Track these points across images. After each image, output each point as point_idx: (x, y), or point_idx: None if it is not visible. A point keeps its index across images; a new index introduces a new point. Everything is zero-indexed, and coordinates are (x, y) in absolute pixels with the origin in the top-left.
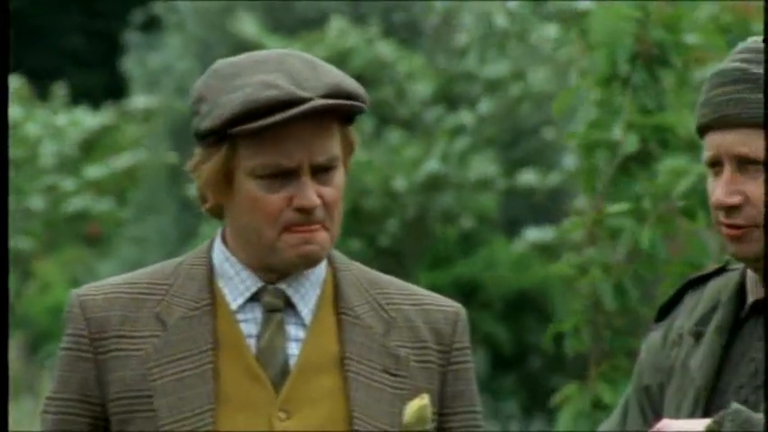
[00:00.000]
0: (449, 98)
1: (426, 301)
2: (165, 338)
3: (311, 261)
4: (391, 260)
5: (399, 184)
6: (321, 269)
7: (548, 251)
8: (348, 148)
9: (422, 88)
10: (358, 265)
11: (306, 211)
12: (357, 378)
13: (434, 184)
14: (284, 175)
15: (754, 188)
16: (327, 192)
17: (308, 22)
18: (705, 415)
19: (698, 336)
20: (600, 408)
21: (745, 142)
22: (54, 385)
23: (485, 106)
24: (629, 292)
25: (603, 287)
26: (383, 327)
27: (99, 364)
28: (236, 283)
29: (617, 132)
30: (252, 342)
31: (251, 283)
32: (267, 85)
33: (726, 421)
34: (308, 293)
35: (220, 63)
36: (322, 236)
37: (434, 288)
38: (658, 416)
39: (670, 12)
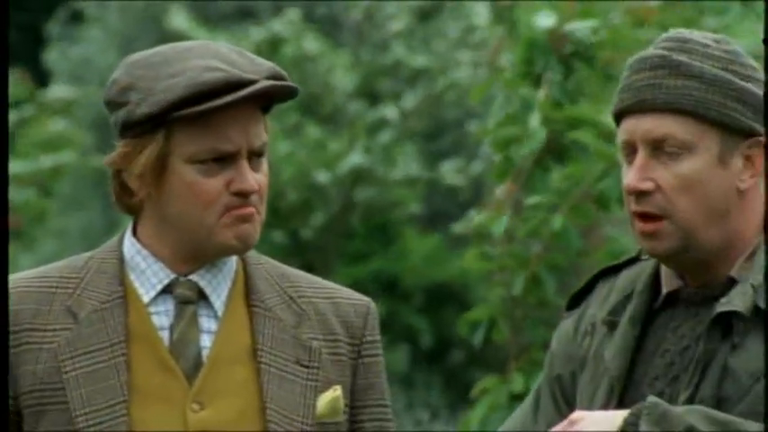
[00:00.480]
0: (372, 93)
1: (337, 294)
2: (76, 331)
3: (247, 243)
4: (313, 254)
5: (322, 177)
6: (232, 262)
7: (467, 243)
8: (267, 136)
9: (345, 82)
10: (268, 259)
11: (244, 195)
12: (269, 370)
13: (357, 178)
14: (223, 160)
15: (665, 175)
16: (260, 178)
17: (231, 17)
18: (619, 405)
19: (611, 326)
20: (518, 400)
21: (659, 126)
22: None
23: (409, 100)
24: (546, 283)
25: (517, 279)
26: (294, 319)
27: (11, 358)
28: (148, 276)
29: (533, 127)
30: (164, 334)
31: (163, 276)
32: (210, 68)
33: (643, 414)
34: (220, 285)
35: (139, 54)
36: (256, 223)
37: (355, 281)
38: (572, 406)
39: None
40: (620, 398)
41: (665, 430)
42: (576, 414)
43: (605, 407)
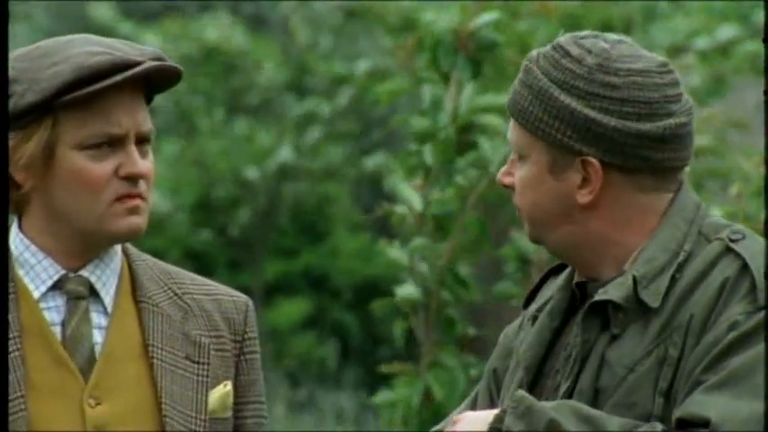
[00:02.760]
0: (300, 87)
1: (217, 291)
2: None
3: (136, 233)
4: (240, 250)
5: (250, 173)
6: (118, 258)
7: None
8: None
9: (274, 76)
10: (149, 256)
11: (133, 179)
12: (162, 365)
13: (285, 174)
14: (111, 144)
15: (516, 175)
16: (148, 165)
17: (157, 11)
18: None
19: (535, 320)
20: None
21: (511, 130)
22: None
23: (340, 100)
24: (462, 278)
25: (430, 276)
26: (181, 315)
27: None
28: (38, 272)
29: (442, 123)
30: (57, 330)
31: (53, 272)
32: (95, 52)
33: (508, 410)
34: (108, 281)
35: (22, 49)
36: (144, 211)
37: (284, 278)
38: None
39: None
40: (530, 390)
41: (529, 425)
42: (462, 415)
43: None
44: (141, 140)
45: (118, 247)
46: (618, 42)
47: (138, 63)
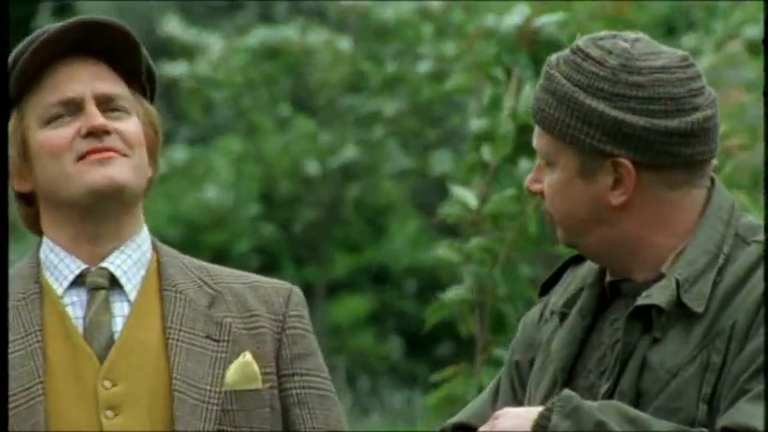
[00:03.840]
0: (363, 87)
1: (257, 281)
2: None
3: (112, 182)
4: (304, 246)
5: (312, 169)
6: (146, 252)
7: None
8: (151, 125)
9: (338, 75)
10: (186, 256)
11: (95, 134)
12: (178, 344)
13: (348, 171)
14: (71, 113)
15: (545, 182)
16: (123, 125)
17: (218, 12)
18: None
19: (562, 317)
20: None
21: (536, 137)
22: None
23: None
24: (519, 276)
25: (493, 271)
26: (208, 300)
27: None
28: (61, 269)
29: (503, 122)
30: (79, 322)
31: (74, 267)
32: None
33: (555, 409)
34: (131, 271)
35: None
36: (121, 162)
37: (349, 273)
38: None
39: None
40: (562, 389)
41: (576, 424)
42: (502, 410)
43: (548, 397)
44: (109, 106)
45: (145, 242)
46: (636, 41)
47: (61, 29)
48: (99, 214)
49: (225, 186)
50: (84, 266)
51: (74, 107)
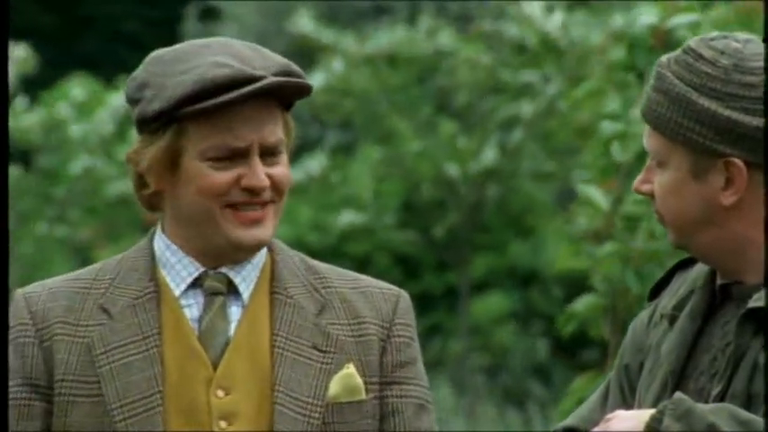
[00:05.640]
0: (501, 89)
1: (366, 284)
2: (110, 326)
3: (259, 246)
4: (446, 251)
5: (452, 171)
6: (262, 254)
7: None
8: (289, 134)
9: (476, 79)
10: (298, 253)
11: (254, 192)
12: (284, 354)
13: (490, 175)
14: (234, 157)
15: (656, 182)
16: (277, 171)
17: (363, 15)
18: None
19: (672, 320)
20: None
21: (647, 137)
22: (9, 377)
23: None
24: (652, 279)
25: (626, 274)
26: (317, 307)
27: (44, 349)
28: (179, 270)
29: (634, 124)
30: (194, 325)
31: (193, 269)
32: (219, 64)
33: (667, 411)
34: (248, 276)
35: (158, 52)
36: (269, 216)
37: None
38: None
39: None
40: (673, 391)
41: (687, 426)
42: (615, 413)
43: (658, 400)
44: (269, 152)
45: None
46: (747, 41)
47: (259, 78)
48: (234, 255)
49: (366, 193)
50: (202, 269)
51: (238, 154)
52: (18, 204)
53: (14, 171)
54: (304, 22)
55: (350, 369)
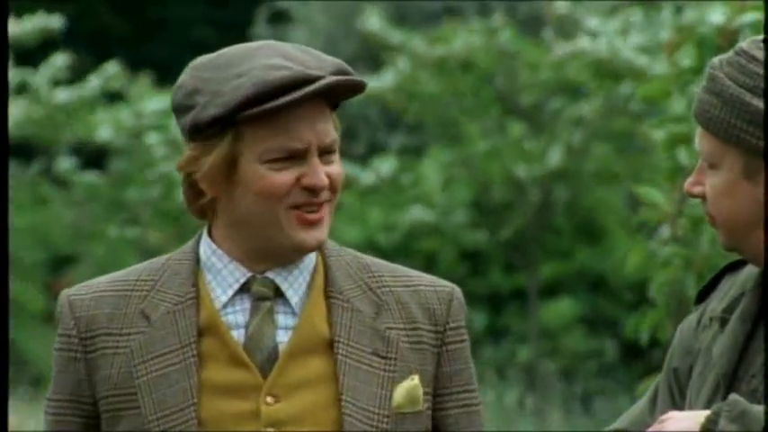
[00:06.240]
0: (566, 90)
1: (419, 282)
2: (149, 334)
3: (315, 247)
4: (514, 251)
5: (521, 172)
6: (312, 257)
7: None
8: (337, 133)
9: (542, 79)
10: (348, 250)
11: (314, 191)
12: (346, 361)
13: (558, 176)
14: (293, 158)
15: (707, 183)
16: (333, 170)
17: (433, 16)
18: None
19: (723, 322)
20: None
21: (699, 138)
22: (51, 386)
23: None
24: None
25: (687, 278)
26: (373, 310)
27: (89, 363)
28: (225, 276)
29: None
30: (240, 332)
31: (239, 275)
32: (275, 66)
33: (722, 413)
34: (296, 281)
35: (202, 58)
36: (326, 217)
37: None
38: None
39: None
40: (725, 394)
41: (743, 427)
42: (668, 414)
43: (710, 402)
44: (325, 151)
45: None
46: None
47: (318, 78)
48: (293, 256)
49: (435, 193)
50: (248, 274)
51: (297, 155)
52: (92, 207)
53: (89, 176)
54: (372, 22)
55: (415, 380)
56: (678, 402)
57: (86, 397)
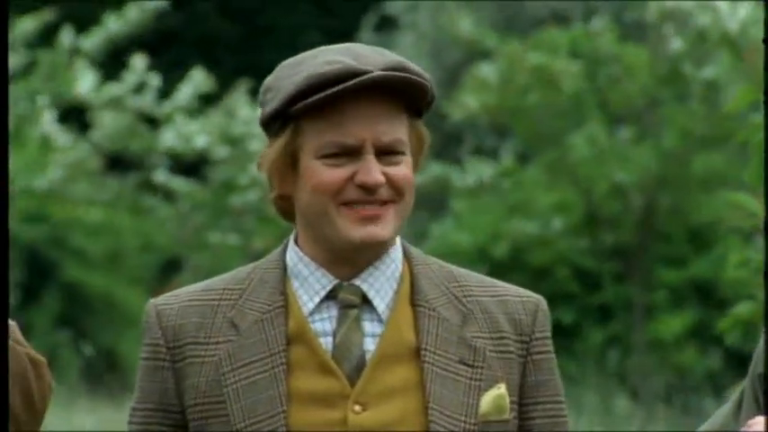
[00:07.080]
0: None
1: (506, 292)
2: (238, 342)
3: (374, 243)
4: (625, 262)
5: (624, 179)
6: (398, 264)
7: None
8: (419, 142)
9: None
10: (435, 260)
11: (368, 189)
12: (433, 369)
13: (662, 183)
14: (348, 154)
15: None
16: (395, 171)
17: (539, 22)
18: None
19: None
20: None
21: None
22: (136, 395)
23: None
24: None
25: None
26: (460, 318)
27: (177, 372)
28: (312, 283)
29: None
30: (328, 339)
31: (326, 282)
32: (330, 62)
33: None
34: (383, 288)
35: (287, 60)
36: (387, 215)
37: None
38: None
39: None
40: None
41: None
42: (755, 420)
43: None
44: (386, 151)
45: (398, 253)
46: None
47: (364, 73)
48: (355, 254)
49: (541, 202)
50: (335, 281)
51: (351, 151)
52: (194, 215)
53: (188, 184)
54: (465, 24)
55: (501, 390)
56: (763, 408)
57: (174, 406)
